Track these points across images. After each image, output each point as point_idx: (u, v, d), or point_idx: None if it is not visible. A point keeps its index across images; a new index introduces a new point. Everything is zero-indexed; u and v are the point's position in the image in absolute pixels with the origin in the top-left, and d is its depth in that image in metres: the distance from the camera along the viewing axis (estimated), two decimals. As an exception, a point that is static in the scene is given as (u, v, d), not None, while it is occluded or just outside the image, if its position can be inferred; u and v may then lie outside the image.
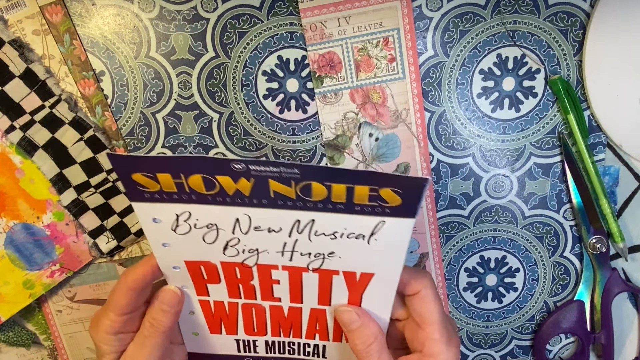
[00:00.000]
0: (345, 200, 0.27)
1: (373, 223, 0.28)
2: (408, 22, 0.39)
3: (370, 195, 0.27)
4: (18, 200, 0.40)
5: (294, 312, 0.35)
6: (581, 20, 0.39)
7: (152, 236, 0.30)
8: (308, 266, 0.31)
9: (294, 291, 0.33)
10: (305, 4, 0.38)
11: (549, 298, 0.45)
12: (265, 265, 0.32)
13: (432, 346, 0.31)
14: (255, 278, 0.32)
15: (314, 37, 0.39)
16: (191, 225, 0.29)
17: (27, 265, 0.42)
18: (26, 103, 0.39)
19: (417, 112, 0.40)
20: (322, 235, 0.29)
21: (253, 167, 0.26)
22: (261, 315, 0.35)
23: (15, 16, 0.38)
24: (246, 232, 0.30)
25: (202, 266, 0.32)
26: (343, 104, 0.40)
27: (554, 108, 0.41)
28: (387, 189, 0.26)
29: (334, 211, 0.28)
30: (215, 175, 0.27)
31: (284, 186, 0.27)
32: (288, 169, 0.26)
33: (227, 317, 0.35)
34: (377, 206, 0.27)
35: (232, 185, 0.27)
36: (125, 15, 0.39)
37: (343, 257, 0.31)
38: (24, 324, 0.45)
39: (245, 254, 0.31)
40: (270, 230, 0.29)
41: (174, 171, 0.26)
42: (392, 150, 0.41)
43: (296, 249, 0.30)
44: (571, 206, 0.43)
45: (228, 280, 0.33)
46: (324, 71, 0.40)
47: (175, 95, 0.40)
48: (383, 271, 0.31)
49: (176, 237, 0.30)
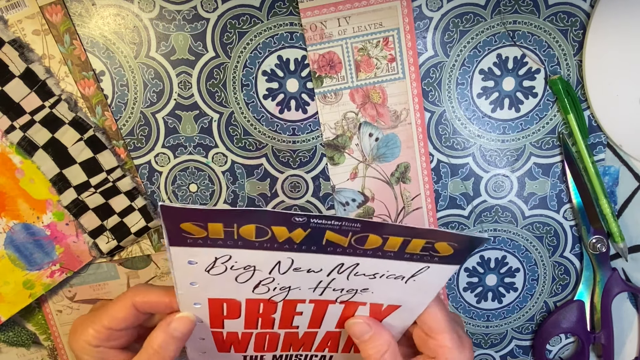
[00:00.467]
0: (397, 250, 0.27)
1: (417, 268, 0.28)
2: (408, 22, 0.39)
3: (424, 246, 0.26)
4: (18, 200, 0.40)
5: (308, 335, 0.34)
6: (581, 20, 0.39)
7: (181, 276, 0.28)
8: (337, 299, 0.31)
9: (315, 320, 0.32)
10: (305, 4, 0.38)
11: (549, 298, 0.45)
12: (293, 300, 0.31)
13: (446, 353, 0.30)
14: (278, 312, 0.31)
15: (314, 37, 0.39)
16: (227, 267, 0.28)
17: (27, 265, 0.42)
18: (26, 103, 0.38)
19: (417, 112, 0.40)
20: (362, 276, 0.29)
21: (314, 220, 0.25)
22: (274, 339, 0.34)
23: (15, 16, 0.38)
24: (284, 273, 0.28)
25: (225, 303, 0.30)
26: (343, 104, 0.40)
27: (554, 108, 0.41)
28: (443, 243, 0.26)
29: (382, 257, 0.27)
30: (271, 226, 0.25)
31: (340, 236, 0.26)
32: (350, 223, 0.25)
33: (238, 342, 0.34)
34: (427, 255, 0.27)
35: (286, 234, 0.26)
36: (125, 15, 0.39)
37: (375, 292, 0.30)
38: (24, 324, 0.45)
39: (276, 292, 0.30)
40: (309, 270, 0.28)
41: (228, 222, 0.25)
42: (392, 150, 0.41)
43: (330, 286, 0.29)
44: (571, 206, 0.43)
45: (248, 315, 0.31)
46: (324, 71, 0.40)
47: (175, 95, 0.40)
48: (411, 305, 0.31)
49: (207, 277, 0.28)
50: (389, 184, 0.42)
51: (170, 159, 0.41)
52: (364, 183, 0.42)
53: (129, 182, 0.41)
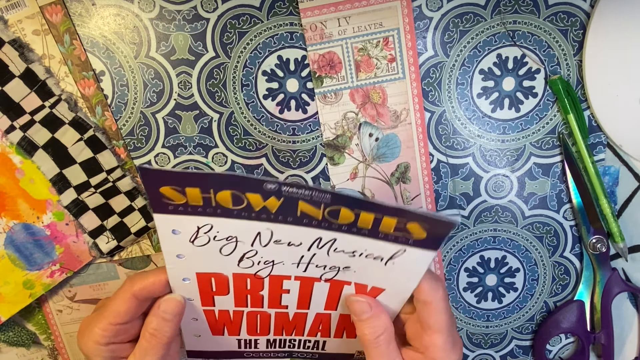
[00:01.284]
0: (370, 227, 0.27)
1: (394, 249, 0.28)
2: (408, 22, 0.39)
3: (396, 226, 0.27)
4: (18, 200, 0.40)
5: (299, 317, 0.34)
6: (581, 20, 0.39)
7: (168, 247, 0.29)
8: (321, 277, 0.31)
9: (303, 299, 0.33)
10: (305, 4, 0.38)
11: (549, 298, 0.45)
12: (278, 276, 0.31)
13: (437, 352, 0.30)
14: (266, 288, 0.32)
15: (314, 37, 0.39)
16: (210, 237, 0.29)
17: (27, 265, 0.42)
18: (26, 103, 0.38)
19: (417, 112, 0.40)
20: (342, 253, 0.29)
21: (285, 188, 0.26)
22: (265, 320, 0.35)
23: (15, 16, 0.38)
24: (265, 245, 0.29)
25: (213, 278, 0.31)
26: (343, 104, 0.40)
27: (554, 108, 0.41)
28: (414, 223, 0.27)
29: (357, 234, 0.28)
30: (245, 193, 0.26)
31: (313, 207, 0.27)
32: (320, 193, 0.26)
33: (230, 322, 0.35)
34: (401, 236, 0.27)
35: (261, 203, 0.27)
36: (125, 15, 0.39)
37: (358, 271, 0.31)
38: (24, 324, 0.45)
39: (260, 265, 0.30)
40: (290, 244, 0.29)
41: (204, 186, 0.26)
42: (392, 150, 0.41)
43: (312, 262, 0.30)
44: (571, 206, 0.43)
45: (237, 291, 0.32)
46: (324, 71, 0.40)
47: (175, 95, 0.40)
48: (394, 289, 0.31)
49: (193, 248, 0.29)
50: (389, 184, 0.42)
51: (170, 159, 0.41)
52: (364, 183, 0.42)
53: (129, 182, 0.41)
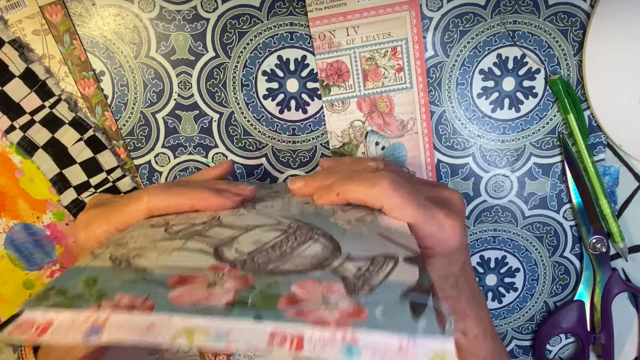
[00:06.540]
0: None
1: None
2: (416, 33, 0.39)
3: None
4: (18, 200, 0.40)
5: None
6: (581, 20, 0.39)
7: None
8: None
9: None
10: (314, 13, 0.38)
11: (549, 298, 0.45)
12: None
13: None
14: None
15: (322, 46, 0.39)
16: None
17: (27, 265, 0.42)
18: (26, 103, 0.38)
19: (424, 122, 0.40)
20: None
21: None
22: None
23: (15, 16, 0.38)
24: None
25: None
26: (350, 112, 0.40)
27: (554, 108, 0.41)
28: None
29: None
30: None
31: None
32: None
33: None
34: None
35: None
36: (125, 15, 0.39)
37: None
38: (24, 324, 0.45)
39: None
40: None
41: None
42: (398, 158, 0.41)
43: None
44: (571, 206, 0.43)
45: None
46: (332, 80, 0.40)
47: (175, 95, 0.40)
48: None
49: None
50: (389, 184, 0.42)
51: (170, 159, 0.41)
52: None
53: (129, 182, 0.41)
